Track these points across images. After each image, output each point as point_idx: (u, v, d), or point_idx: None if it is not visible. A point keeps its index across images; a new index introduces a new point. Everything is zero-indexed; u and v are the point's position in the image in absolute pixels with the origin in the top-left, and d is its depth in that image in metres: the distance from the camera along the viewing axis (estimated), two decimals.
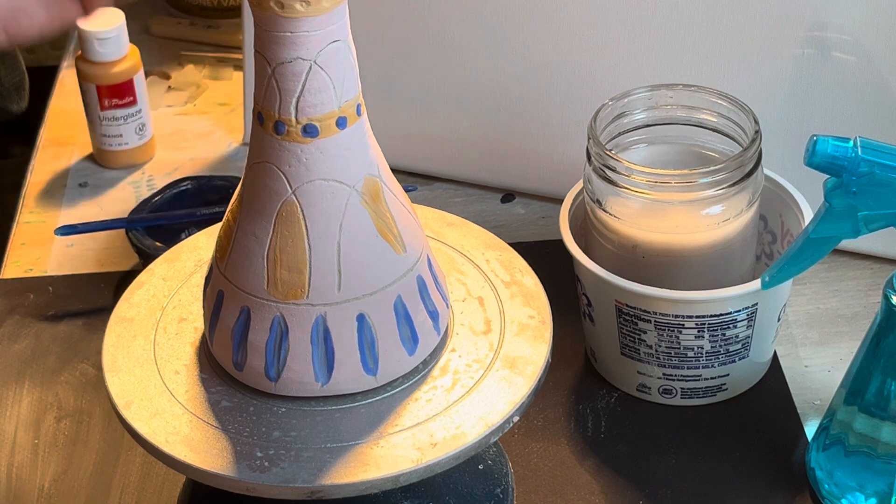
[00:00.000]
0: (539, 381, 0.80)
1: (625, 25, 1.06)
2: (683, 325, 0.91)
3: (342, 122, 0.74)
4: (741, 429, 0.95)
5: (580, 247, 0.94)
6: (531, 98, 1.10)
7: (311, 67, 0.73)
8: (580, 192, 0.97)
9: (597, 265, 0.92)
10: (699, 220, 0.92)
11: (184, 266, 0.88)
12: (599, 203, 0.93)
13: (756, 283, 0.89)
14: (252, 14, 0.73)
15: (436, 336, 0.81)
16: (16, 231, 1.15)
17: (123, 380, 0.81)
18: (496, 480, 0.89)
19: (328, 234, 0.76)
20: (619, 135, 0.96)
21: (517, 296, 0.85)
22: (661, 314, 0.91)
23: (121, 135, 1.19)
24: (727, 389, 0.96)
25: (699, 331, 0.92)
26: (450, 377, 0.80)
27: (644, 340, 0.93)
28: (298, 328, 0.77)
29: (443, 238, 0.89)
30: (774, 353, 0.99)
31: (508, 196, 1.16)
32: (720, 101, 0.95)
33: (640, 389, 0.96)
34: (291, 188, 0.75)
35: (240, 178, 0.81)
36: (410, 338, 0.79)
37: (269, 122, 0.74)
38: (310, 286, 0.76)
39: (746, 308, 0.91)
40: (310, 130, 0.74)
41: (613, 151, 0.93)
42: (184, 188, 1.11)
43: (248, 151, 0.77)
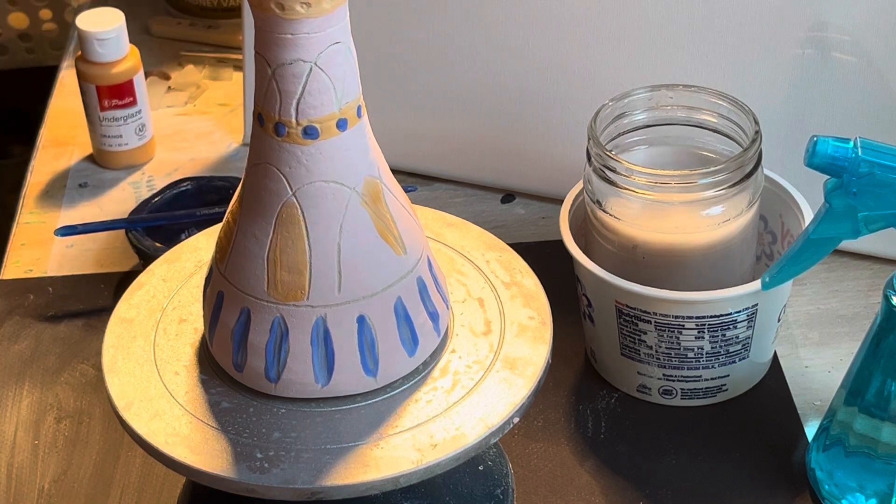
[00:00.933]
0: (539, 382, 0.80)
1: (625, 26, 1.06)
2: (683, 326, 0.91)
3: (342, 124, 0.74)
4: (741, 429, 0.95)
5: (580, 247, 0.94)
6: (531, 98, 1.10)
7: (312, 69, 0.72)
8: (580, 193, 0.97)
9: (597, 266, 0.92)
10: (699, 221, 0.92)
11: (184, 267, 0.88)
12: (599, 203, 0.93)
13: (756, 284, 0.89)
14: (252, 15, 0.73)
15: (436, 337, 0.81)
16: (16, 231, 1.15)
17: (123, 381, 0.81)
18: (496, 481, 0.89)
19: (328, 236, 0.76)
20: (620, 135, 0.96)
21: (517, 297, 0.85)
22: (662, 315, 0.91)
23: (121, 135, 1.19)
24: (727, 390, 0.96)
25: (699, 331, 0.92)
26: (450, 378, 0.80)
27: (644, 341, 0.93)
28: (298, 329, 0.77)
29: (443, 239, 0.89)
30: (775, 354, 0.99)
31: (508, 196, 1.16)
32: (720, 102, 0.95)
33: (641, 390, 0.96)
34: (292, 189, 0.75)
35: (240, 179, 0.81)
36: (410, 339, 0.79)
37: (270, 124, 0.74)
38: (310, 287, 0.76)
39: (747, 308, 0.91)
40: (310, 132, 0.74)
41: (613, 152, 0.93)
42: (184, 189, 1.11)
43: (249, 153, 0.77)
